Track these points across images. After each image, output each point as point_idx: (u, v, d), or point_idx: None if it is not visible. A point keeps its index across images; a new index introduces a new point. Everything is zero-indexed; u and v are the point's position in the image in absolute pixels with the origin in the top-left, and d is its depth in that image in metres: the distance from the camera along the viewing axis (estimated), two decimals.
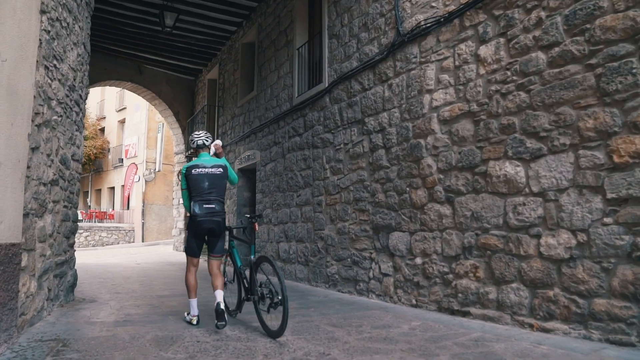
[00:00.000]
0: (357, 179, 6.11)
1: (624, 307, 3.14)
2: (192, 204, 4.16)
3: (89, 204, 28.16)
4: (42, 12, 3.72)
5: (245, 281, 4.22)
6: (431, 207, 4.87)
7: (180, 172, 4.31)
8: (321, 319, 4.40)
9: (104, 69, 12.94)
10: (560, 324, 3.54)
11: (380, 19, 5.84)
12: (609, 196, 3.30)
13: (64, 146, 4.70)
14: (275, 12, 9.15)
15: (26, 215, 3.48)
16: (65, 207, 4.88)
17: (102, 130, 28.54)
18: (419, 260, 4.97)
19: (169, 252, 16.14)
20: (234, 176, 4.43)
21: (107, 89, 25.73)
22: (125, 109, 25.91)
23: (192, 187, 4.16)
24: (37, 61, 3.61)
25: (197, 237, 4.23)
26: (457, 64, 4.67)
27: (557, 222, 3.62)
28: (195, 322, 4.12)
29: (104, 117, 28.57)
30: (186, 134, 14.51)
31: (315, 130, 7.25)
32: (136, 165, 23.86)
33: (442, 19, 4.84)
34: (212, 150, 4.44)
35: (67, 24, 4.60)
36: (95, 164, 27.46)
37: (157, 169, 23.32)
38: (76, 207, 5.60)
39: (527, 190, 3.89)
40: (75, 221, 5.53)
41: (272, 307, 3.68)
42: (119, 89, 23.08)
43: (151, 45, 12.11)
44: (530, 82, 3.91)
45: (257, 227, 4.31)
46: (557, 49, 3.71)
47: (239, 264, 4.33)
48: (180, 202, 14.16)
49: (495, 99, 4.23)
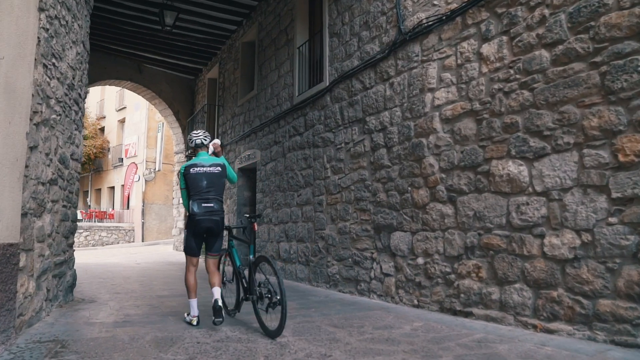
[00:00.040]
0: (358, 178, 6.07)
1: (630, 308, 3.11)
2: (190, 203, 4.14)
3: (88, 204, 28.14)
4: (41, 9, 3.68)
5: (244, 281, 4.22)
6: (433, 206, 4.83)
7: (179, 172, 4.30)
8: (322, 320, 4.37)
9: (103, 68, 12.91)
10: (564, 324, 3.50)
11: (381, 17, 5.80)
12: (614, 195, 3.26)
13: (63, 145, 4.66)
14: (275, 11, 9.11)
15: (24, 215, 3.44)
16: (64, 206, 4.85)
17: (102, 129, 28.51)
18: (420, 260, 4.94)
19: (168, 251, 16.12)
20: (233, 175, 4.40)
21: (107, 88, 25.73)
22: (125, 108, 25.88)
23: (190, 186, 4.15)
24: (36, 59, 3.58)
25: (196, 236, 4.20)
26: (459, 62, 4.63)
27: (561, 222, 3.58)
28: (195, 323, 4.09)
29: (104, 117, 28.55)
30: (186, 133, 14.49)
31: (315, 129, 7.21)
32: (136, 164, 23.82)
33: (444, 17, 4.81)
34: (211, 149, 4.43)
35: (66, 22, 4.57)
36: (95, 164, 27.44)
37: (157, 169, 23.29)
38: (75, 207, 5.56)
39: (530, 189, 3.85)
40: (74, 221, 5.49)
41: (270, 307, 3.67)
42: (118, 88, 23.08)
43: (151, 44, 12.07)
44: (533, 81, 3.87)
45: (256, 227, 4.30)
46: (561, 47, 3.67)
47: (238, 263, 4.33)
48: (180, 201, 14.14)
49: (498, 98, 4.19)
